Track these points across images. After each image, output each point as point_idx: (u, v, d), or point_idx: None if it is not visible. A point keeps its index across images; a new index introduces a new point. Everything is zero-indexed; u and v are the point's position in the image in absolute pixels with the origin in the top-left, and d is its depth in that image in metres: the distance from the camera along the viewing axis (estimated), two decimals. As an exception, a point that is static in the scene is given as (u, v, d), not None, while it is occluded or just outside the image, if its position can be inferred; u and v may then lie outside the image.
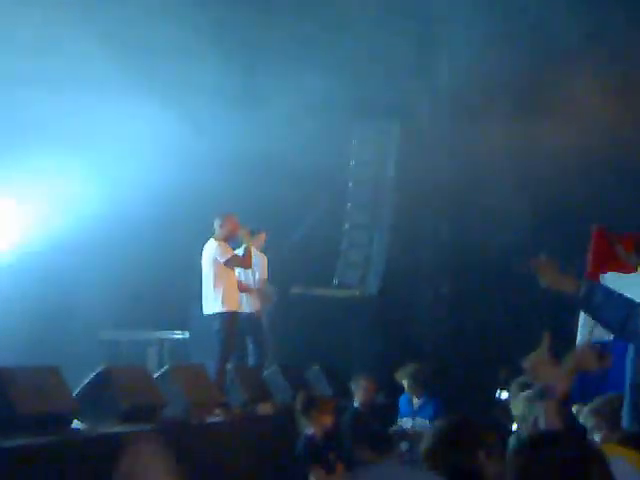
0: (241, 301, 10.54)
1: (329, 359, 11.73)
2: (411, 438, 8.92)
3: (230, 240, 10.09)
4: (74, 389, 7.42)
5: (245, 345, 10.68)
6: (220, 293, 9.83)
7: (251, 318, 10.75)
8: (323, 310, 13.01)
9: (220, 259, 9.86)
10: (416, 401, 9.62)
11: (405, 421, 9.59)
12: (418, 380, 9.60)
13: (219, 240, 9.97)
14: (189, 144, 12.27)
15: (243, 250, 10.09)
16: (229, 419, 8.95)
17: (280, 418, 9.29)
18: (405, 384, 9.66)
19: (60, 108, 11.49)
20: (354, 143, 14.59)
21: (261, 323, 10.96)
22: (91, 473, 6.58)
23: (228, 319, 9.81)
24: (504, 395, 9.34)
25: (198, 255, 10.02)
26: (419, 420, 9.44)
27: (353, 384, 10.07)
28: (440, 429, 3.76)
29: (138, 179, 11.86)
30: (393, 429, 9.53)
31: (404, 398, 9.75)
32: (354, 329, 12.87)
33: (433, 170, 13.40)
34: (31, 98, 11.29)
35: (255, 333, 10.81)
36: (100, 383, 7.58)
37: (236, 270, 10.21)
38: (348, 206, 14.47)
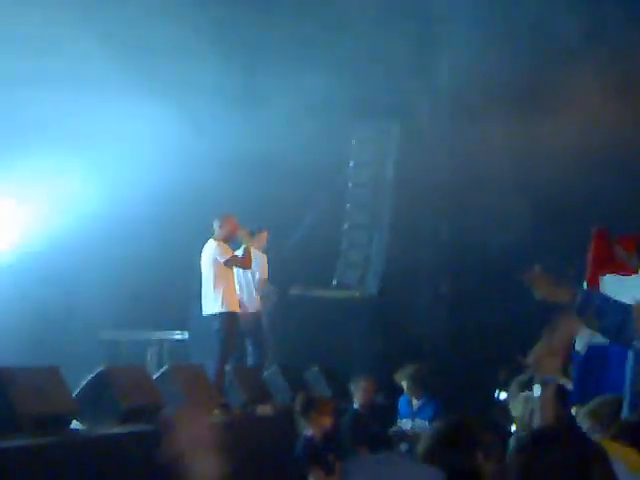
0: (242, 301, 10.56)
1: (328, 360, 11.72)
2: (410, 439, 8.91)
3: (230, 241, 10.10)
4: (74, 389, 7.42)
5: (245, 346, 10.68)
6: (220, 293, 9.83)
7: (251, 319, 10.75)
8: (322, 311, 13.00)
9: (220, 259, 9.86)
10: (415, 402, 9.59)
11: (404, 422, 9.57)
12: (417, 381, 9.58)
13: (219, 240, 9.98)
14: (189, 144, 12.26)
15: (243, 251, 10.10)
16: (228, 420, 8.95)
17: (279, 419, 9.29)
18: (404, 385, 9.64)
19: (60, 108, 11.50)
20: (354, 143, 14.57)
21: (261, 324, 10.96)
22: (91, 473, 6.59)
23: (228, 319, 9.81)
24: (503, 396, 9.35)
25: (198, 255, 10.02)
26: (418, 421, 9.41)
27: (352, 385, 10.05)
28: (438, 430, 3.76)
29: (138, 179, 11.86)
30: (392, 430, 9.52)
31: (403, 399, 9.73)
32: (353, 330, 12.85)
33: (433, 170, 13.38)
34: (31, 98, 11.29)
35: (255, 334, 10.80)
36: (100, 383, 7.58)
37: (235, 270, 10.22)
38: (347, 206, 14.45)
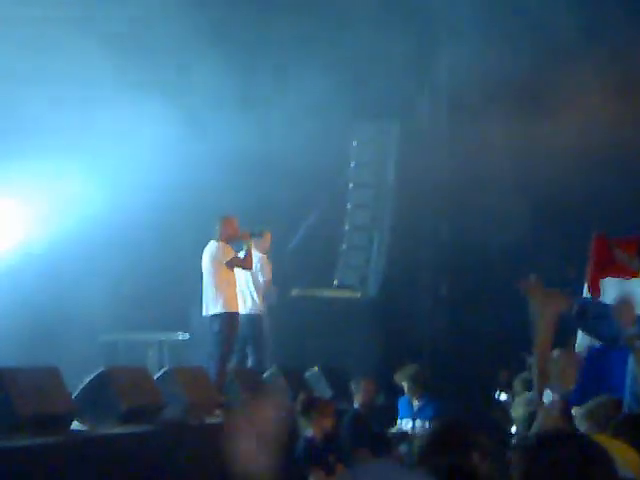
0: (245, 303, 10.56)
1: (329, 360, 11.72)
2: (411, 440, 8.90)
3: (231, 242, 10.09)
4: (74, 390, 7.42)
5: (246, 349, 10.70)
6: (221, 294, 9.80)
7: (252, 320, 10.76)
8: (323, 311, 13.00)
9: (222, 260, 9.85)
10: (416, 403, 9.56)
11: (405, 423, 9.56)
12: (418, 382, 9.55)
13: (220, 241, 9.96)
14: (189, 144, 12.26)
15: (244, 252, 10.10)
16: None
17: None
18: (405, 386, 9.61)
19: (60, 108, 11.50)
20: (354, 144, 14.57)
21: (262, 327, 10.96)
22: (91, 474, 6.59)
23: (228, 320, 9.80)
24: (503, 397, 9.34)
25: (198, 256, 10.00)
26: (419, 422, 9.40)
27: (353, 386, 10.04)
28: (433, 430, 3.77)
29: (138, 180, 11.86)
30: (393, 431, 9.51)
31: (404, 400, 9.70)
32: (354, 330, 12.84)
33: (433, 170, 13.39)
34: (31, 99, 11.29)
35: (255, 338, 10.81)
36: (100, 384, 7.57)
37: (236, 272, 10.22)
38: (348, 207, 14.45)
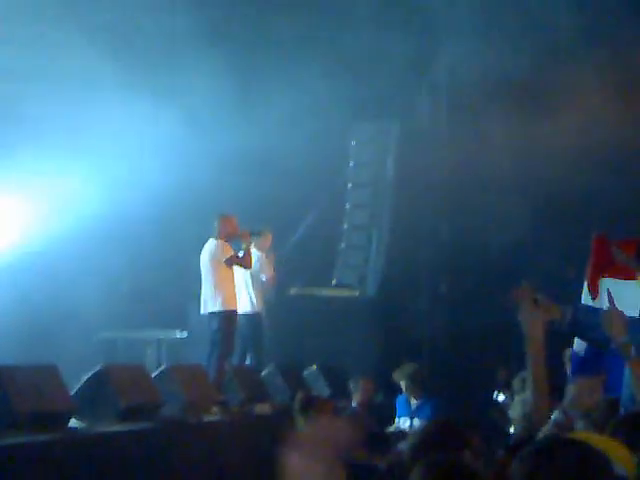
0: (244, 302, 10.57)
1: (327, 359, 11.73)
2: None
3: (229, 241, 10.09)
4: (72, 388, 7.42)
5: (246, 345, 10.71)
6: (219, 292, 9.81)
7: (251, 319, 10.77)
8: (322, 310, 12.99)
9: (220, 258, 9.85)
10: (414, 401, 9.57)
11: (403, 421, 9.57)
12: (416, 381, 9.56)
13: (219, 239, 9.96)
14: (189, 144, 12.27)
15: (243, 251, 10.11)
16: (227, 418, 8.94)
17: (278, 418, 9.27)
18: (403, 384, 9.61)
19: (60, 107, 11.50)
20: (353, 143, 14.56)
21: (261, 326, 10.97)
22: (89, 471, 6.59)
23: (227, 318, 9.80)
24: (501, 397, 9.34)
25: (197, 255, 10.00)
26: (417, 420, 9.40)
27: (351, 384, 10.05)
28: (425, 429, 3.78)
29: (137, 179, 11.87)
30: (391, 429, 9.51)
31: (401, 398, 9.70)
32: (352, 329, 12.83)
33: (433, 170, 13.38)
34: (31, 97, 11.30)
35: (254, 337, 10.82)
36: (98, 382, 7.57)
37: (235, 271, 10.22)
38: (347, 206, 14.44)
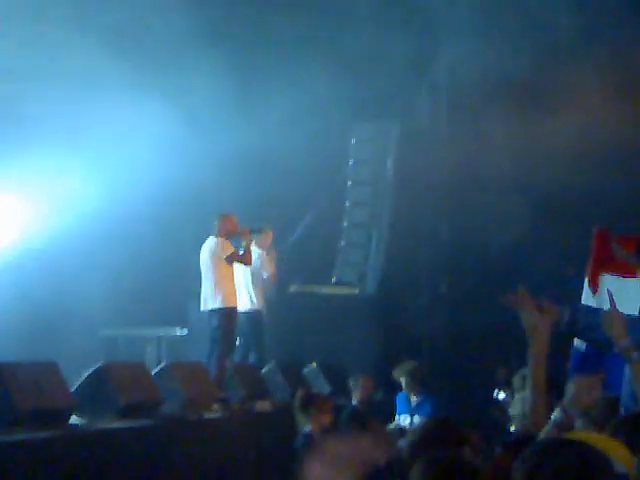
0: (245, 300, 10.58)
1: (327, 357, 11.74)
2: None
3: (230, 238, 10.11)
4: (73, 385, 7.44)
5: (248, 343, 10.73)
6: (220, 290, 9.82)
7: (252, 317, 10.78)
8: (322, 308, 13.01)
9: (221, 255, 9.86)
10: (414, 399, 9.57)
11: (403, 419, 9.57)
12: (416, 378, 9.56)
13: (220, 237, 9.98)
14: (189, 143, 12.28)
15: (244, 248, 10.13)
16: (227, 415, 8.96)
17: (278, 415, 9.29)
18: (403, 382, 9.62)
19: (60, 106, 11.51)
20: (353, 142, 14.58)
21: (262, 323, 10.98)
22: (89, 468, 6.60)
23: (227, 315, 9.81)
24: (502, 395, 9.34)
25: (197, 252, 10.02)
26: (417, 418, 9.41)
27: (351, 382, 10.05)
28: (424, 426, 3.79)
29: (137, 177, 11.88)
30: (391, 427, 9.51)
31: (401, 396, 9.71)
32: (352, 327, 12.84)
33: (432, 169, 13.39)
34: (31, 95, 11.31)
35: (255, 336, 10.83)
36: (99, 379, 7.59)
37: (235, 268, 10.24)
38: (347, 205, 14.46)
